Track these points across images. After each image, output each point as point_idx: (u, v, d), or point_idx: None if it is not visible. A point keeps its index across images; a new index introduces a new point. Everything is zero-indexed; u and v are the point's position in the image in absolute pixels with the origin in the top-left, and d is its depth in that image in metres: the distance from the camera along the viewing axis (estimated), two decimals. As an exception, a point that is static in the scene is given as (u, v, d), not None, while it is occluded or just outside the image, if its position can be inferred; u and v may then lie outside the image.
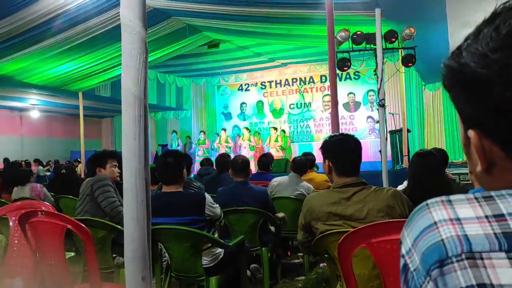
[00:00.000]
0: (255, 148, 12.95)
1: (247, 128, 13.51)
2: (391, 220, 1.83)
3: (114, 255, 2.81)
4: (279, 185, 4.28)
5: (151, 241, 1.74)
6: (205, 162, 5.73)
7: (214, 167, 5.12)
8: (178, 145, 14.14)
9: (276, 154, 12.03)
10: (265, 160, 5.14)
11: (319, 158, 2.82)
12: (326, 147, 2.13)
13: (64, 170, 6.00)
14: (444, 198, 0.50)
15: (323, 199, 2.08)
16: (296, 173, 4.31)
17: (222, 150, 12.72)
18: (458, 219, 0.47)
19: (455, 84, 0.53)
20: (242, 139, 13.20)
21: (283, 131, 13.59)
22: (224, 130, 13.97)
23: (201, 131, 14.29)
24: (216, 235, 2.90)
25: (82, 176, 9.36)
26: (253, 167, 8.96)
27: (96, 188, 3.06)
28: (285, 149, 12.71)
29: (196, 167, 11.16)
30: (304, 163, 4.46)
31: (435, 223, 0.48)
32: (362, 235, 1.68)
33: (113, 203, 3.03)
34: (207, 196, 2.77)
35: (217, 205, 2.91)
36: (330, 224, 2.02)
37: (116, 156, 3.35)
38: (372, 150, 13.05)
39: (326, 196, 2.07)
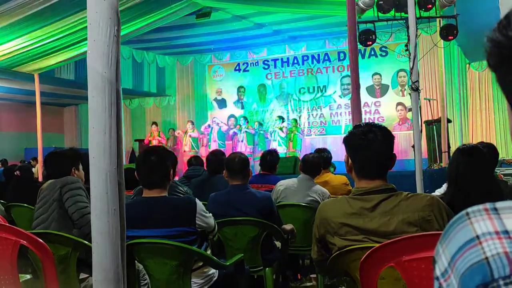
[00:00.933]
0: (254, 142, 13.05)
1: (246, 119, 13.57)
2: (427, 233, 1.83)
3: (82, 277, 2.82)
4: (286, 190, 4.28)
5: (127, 259, 1.75)
6: (193, 161, 5.73)
7: (205, 167, 5.12)
8: (159, 141, 14.18)
9: (280, 149, 12.14)
10: (270, 158, 5.14)
11: (336, 155, 2.82)
12: (346, 140, 2.13)
13: (18, 172, 5.99)
14: (488, 205, 0.50)
15: (340, 207, 2.08)
16: (307, 175, 4.32)
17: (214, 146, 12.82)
18: (506, 232, 0.47)
19: (502, 62, 0.53)
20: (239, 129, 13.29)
21: (295, 120, 13.63)
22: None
23: (188, 121, 14.35)
24: (209, 252, 2.91)
25: (40, 179, 9.37)
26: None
27: (65, 191, 3.07)
28: (292, 141, 12.78)
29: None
30: (317, 162, 4.47)
31: (478, 237, 0.48)
32: (390, 251, 1.67)
33: (83, 208, 3.05)
34: (199, 202, 2.78)
35: (210, 214, 2.92)
36: (350, 239, 2.02)
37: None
38: (403, 145, 13.08)
39: (344, 205, 2.07)
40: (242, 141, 13.29)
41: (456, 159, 2.65)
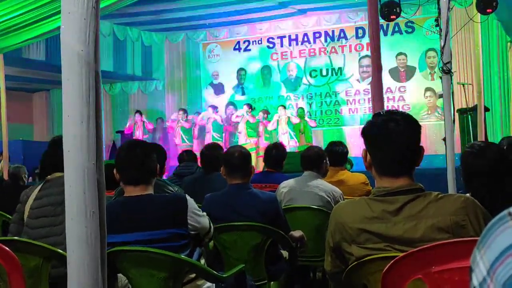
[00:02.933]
0: (257, 135, 13.08)
1: (250, 106, 13.52)
2: (462, 239, 1.83)
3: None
4: (291, 192, 4.30)
5: (108, 270, 1.77)
6: (185, 156, 5.74)
7: (199, 163, 5.13)
8: (145, 133, 14.16)
9: (288, 142, 12.18)
10: (275, 153, 5.14)
11: (354, 149, 2.84)
12: (364, 131, 2.13)
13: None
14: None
15: (358, 211, 2.08)
16: (312, 171, 4.35)
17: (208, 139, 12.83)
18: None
19: None
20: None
21: (301, 109, 13.59)
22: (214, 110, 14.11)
23: (180, 109, 14.32)
24: (203, 261, 2.91)
25: (6, 177, 9.38)
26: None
27: None
28: (304, 134, 12.78)
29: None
30: (315, 153, 4.48)
31: (522, 240, 0.48)
32: (418, 261, 1.67)
33: None
34: (190, 200, 2.80)
35: (204, 213, 2.94)
36: (370, 248, 2.02)
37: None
38: (432, 137, 13.05)
39: (363, 207, 2.07)
40: (240, 132, 13.26)
41: (465, 161, 2.86)
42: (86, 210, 1.71)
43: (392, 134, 2.03)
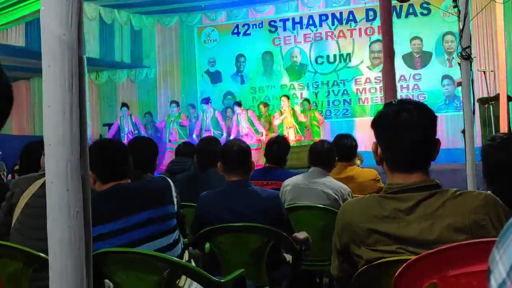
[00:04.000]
0: (259, 133, 13.02)
1: (239, 104, 13.43)
2: (481, 239, 1.83)
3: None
4: (294, 190, 4.31)
5: (93, 275, 1.76)
6: (182, 149, 5.71)
7: (194, 159, 5.11)
8: (134, 128, 14.03)
9: (294, 137, 12.17)
10: (277, 148, 5.14)
11: (364, 143, 2.84)
12: (375, 123, 2.14)
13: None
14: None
15: (368, 209, 2.08)
16: (319, 167, 4.36)
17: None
18: None
19: None
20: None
21: (307, 100, 13.54)
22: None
23: (172, 102, 14.24)
24: (192, 262, 2.92)
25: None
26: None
27: None
28: (312, 128, 12.74)
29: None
30: (328, 150, 4.49)
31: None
32: (433, 264, 1.68)
33: None
34: (171, 182, 2.97)
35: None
36: (380, 250, 2.03)
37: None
38: (450, 130, 13.00)
39: (373, 206, 2.07)
40: (238, 125, 13.20)
41: (486, 155, 2.87)
42: (69, 209, 1.69)
43: (404, 125, 2.03)
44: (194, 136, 13.51)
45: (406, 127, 2.03)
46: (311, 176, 4.33)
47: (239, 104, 13.40)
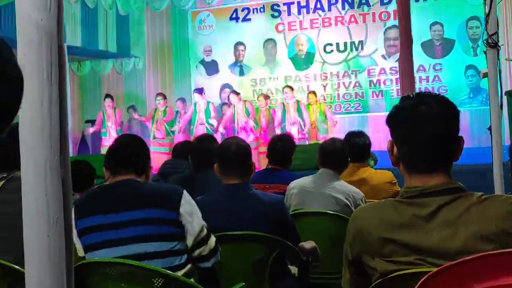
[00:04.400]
0: (259, 127, 12.94)
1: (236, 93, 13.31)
2: (511, 250, 1.77)
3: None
4: (301, 193, 4.29)
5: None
6: (180, 146, 5.79)
7: (189, 160, 5.10)
8: (115, 123, 13.69)
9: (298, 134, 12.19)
10: (281, 146, 5.13)
11: (379, 142, 2.78)
12: (390, 119, 2.12)
13: None
14: None
15: (382, 216, 2.07)
16: (330, 169, 4.32)
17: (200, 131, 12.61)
18: None
19: None
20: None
21: (313, 93, 13.40)
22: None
23: (158, 94, 13.83)
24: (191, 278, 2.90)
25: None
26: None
27: None
28: (316, 127, 12.73)
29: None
30: (340, 150, 4.45)
31: None
32: (456, 277, 1.65)
33: None
34: (186, 193, 2.97)
35: (200, 214, 3.01)
36: (397, 261, 2.00)
37: None
38: (475, 126, 12.99)
39: (389, 212, 2.06)
40: (234, 122, 13.06)
41: None
42: (48, 215, 1.68)
43: (423, 118, 2.03)
44: (176, 131, 13.36)
45: (425, 120, 2.02)
46: (320, 179, 4.31)
47: (236, 93, 13.27)
